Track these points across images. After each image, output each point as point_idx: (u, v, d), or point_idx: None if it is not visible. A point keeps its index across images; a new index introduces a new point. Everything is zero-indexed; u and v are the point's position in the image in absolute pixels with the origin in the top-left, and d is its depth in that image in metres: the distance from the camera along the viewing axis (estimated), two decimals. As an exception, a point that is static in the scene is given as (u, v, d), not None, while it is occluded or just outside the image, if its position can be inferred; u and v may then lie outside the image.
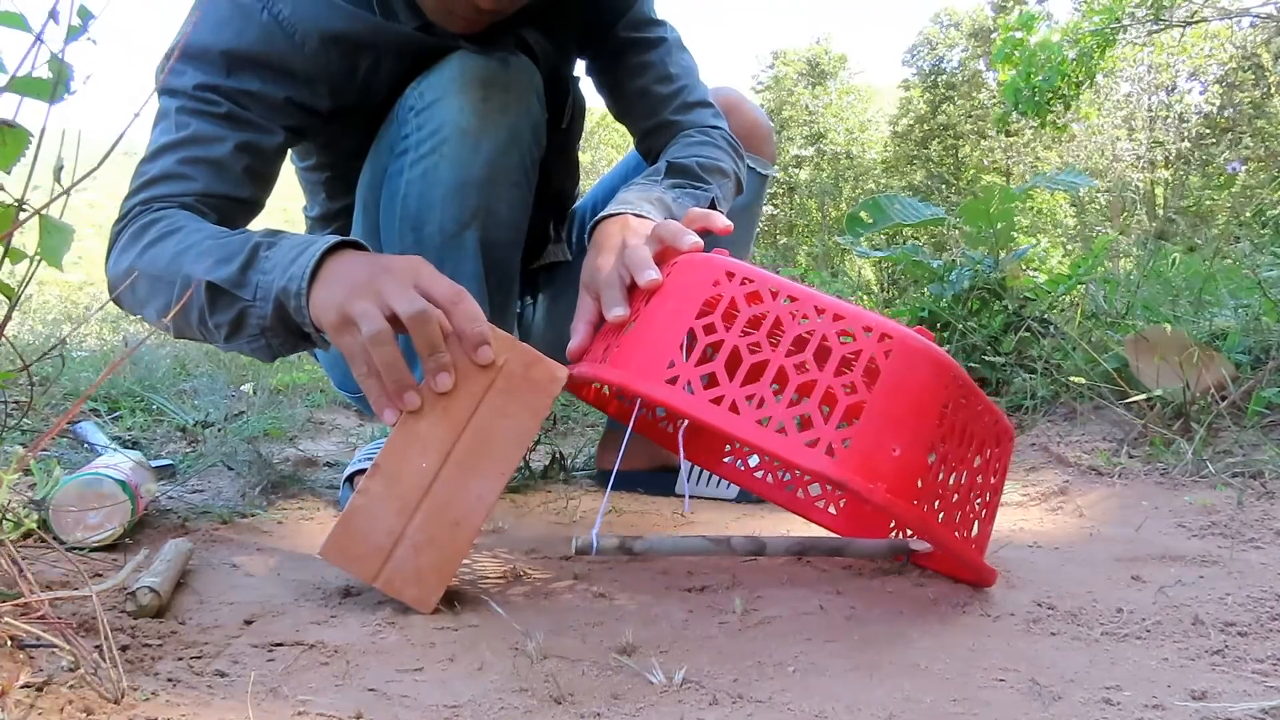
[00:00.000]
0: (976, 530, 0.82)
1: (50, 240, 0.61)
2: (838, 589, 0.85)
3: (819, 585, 0.87)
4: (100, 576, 0.85)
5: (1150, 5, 6.95)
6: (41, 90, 0.60)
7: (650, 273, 0.80)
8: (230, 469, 1.35)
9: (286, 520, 1.13)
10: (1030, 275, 2.06)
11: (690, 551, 0.87)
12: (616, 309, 0.82)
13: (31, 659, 0.61)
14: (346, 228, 1.16)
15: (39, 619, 0.58)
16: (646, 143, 1.22)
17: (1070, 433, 1.53)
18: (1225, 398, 1.39)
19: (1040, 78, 6.80)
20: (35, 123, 0.62)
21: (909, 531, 0.92)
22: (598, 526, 0.82)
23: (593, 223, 0.97)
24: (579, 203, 1.40)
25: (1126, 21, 6.90)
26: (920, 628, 0.75)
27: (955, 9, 23.84)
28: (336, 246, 0.81)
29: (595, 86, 1.23)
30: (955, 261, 1.97)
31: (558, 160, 1.21)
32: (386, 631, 0.73)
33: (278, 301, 0.81)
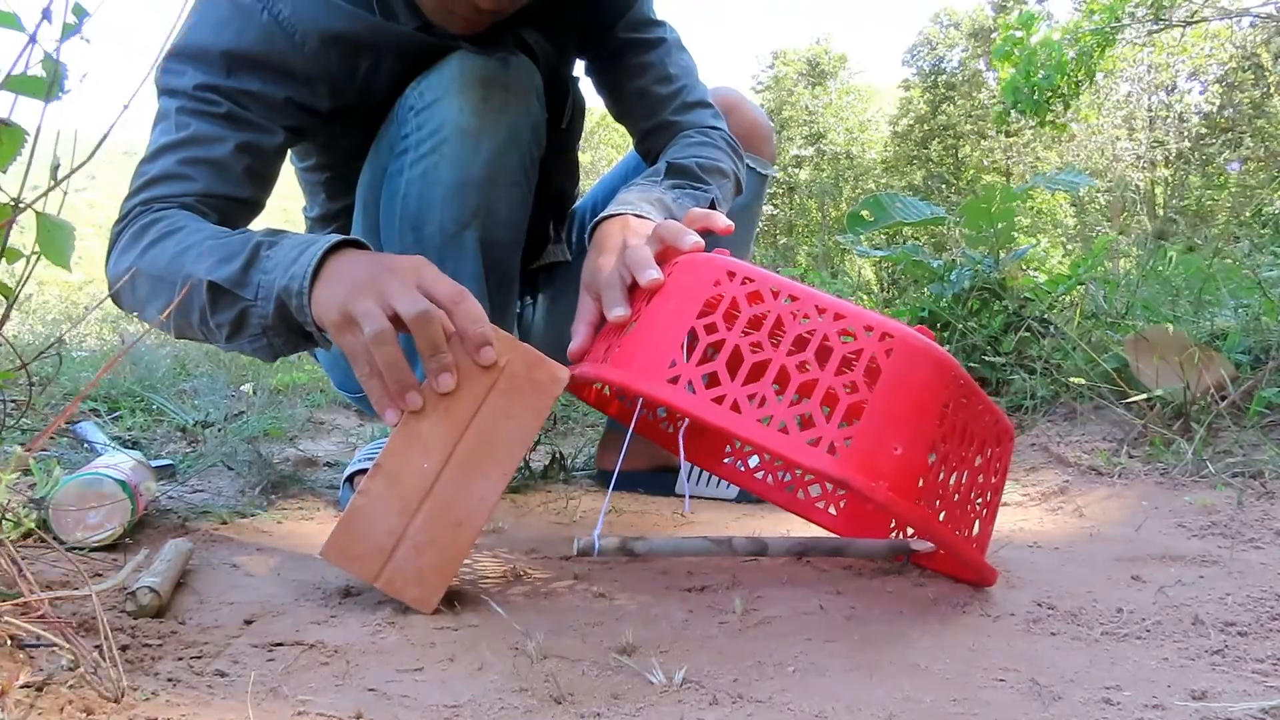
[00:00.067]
0: (977, 529, 0.82)
1: (52, 239, 0.61)
2: (838, 589, 0.85)
3: (819, 585, 0.87)
4: (100, 576, 0.85)
5: (1150, 5, 6.95)
6: (36, 89, 0.60)
7: (651, 272, 0.80)
8: (230, 469, 1.35)
9: (286, 520, 1.13)
10: (1030, 275, 2.06)
11: (692, 552, 0.87)
12: (617, 309, 0.82)
13: (31, 658, 0.61)
14: (346, 228, 1.16)
15: (39, 618, 0.58)
16: (646, 143, 1.22)
17: (1070, 433, 1.54)
18: (1225, 398, 1.39)
19: (1040, 76, 6.80)
20: (30, 122, 0.62)
21: (910, 531, 0.93)
22: (599, 527, 0.82)
23: (593, 223, 0.97)
24: (579, 203, 1.40)
25: (1126, 21, 6.89)
26: (920, 628, 0.75)
27: (955, 9, 23.87)
28: (338, 245, 0.81)
29: (595, 87, 1.23)
30: (955, 261, 1.97)
31: (558, 160, 1.21)
32: (386, 631, 0.73)
33: (279, 301, 0.81)
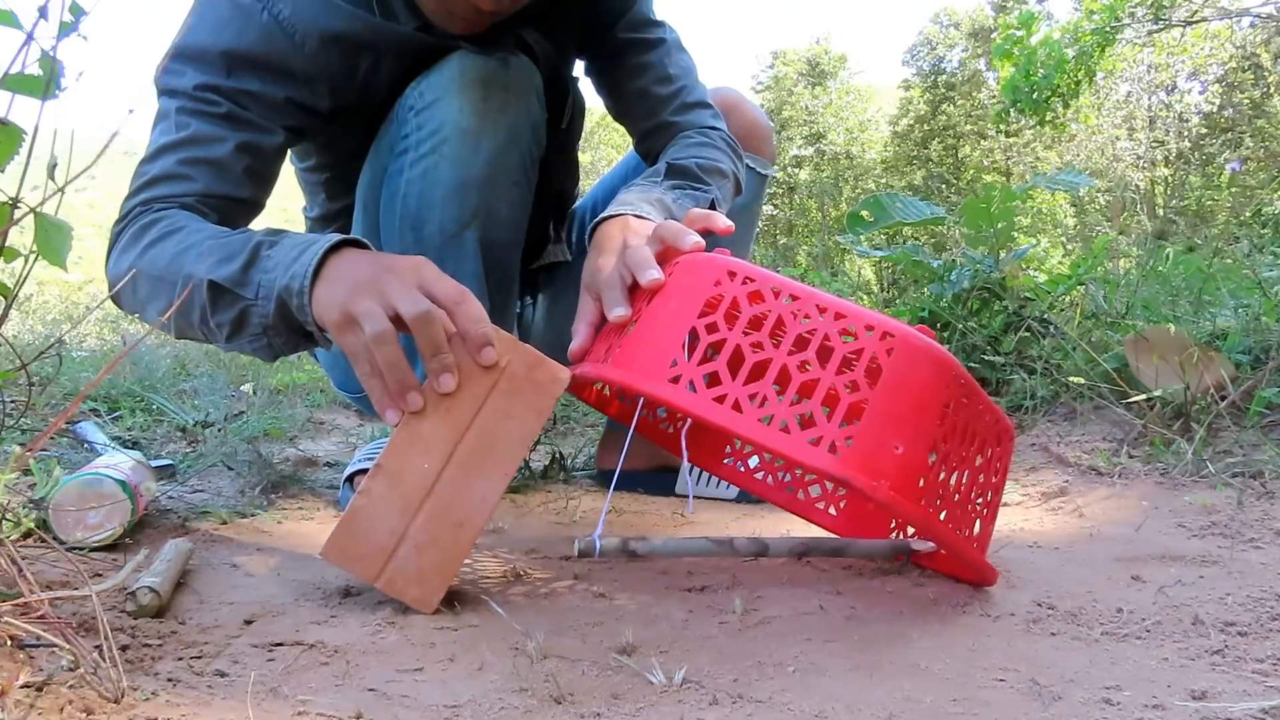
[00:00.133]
0: (978, 529, 0.82)
1: (49, 239, 0.61)
2: (838, 589, 0.85)
3: (819, 585, 0.87)
4: (100, 576, 0.85)
5: (1150, 5, 6.95)
6: (34, 88, 0.60)
7: (652, 272, 0.80)
8: (230, 469, 1.35)
9: (286, 520, 1.13)
10: (1030, 275, 2.06)
11: (693, 553, 0.87)
12: (618, 309, 0.82)
13: (31, 659, 0.61)
14: (346, 228, 1.16)
15: (39, 619, 0.58)
16: (646, 143, 1.22)
17: (1070, 433, 1.53)
18: (1225, 398, 1.39)
19: (1040, 75, 6.80)
20: (27, 120, 0.62)
21: (910, 531, 0.93)
22: (600, 528, 0.82)
23: (593, 224, 0.97)
24: (579, 203, 1.40)
25: (1126, 21, 6.89)
26: (920, 628, 0.75)
27: (955, 9, 23.82)
28: (339, 244, 0.81)
29: (594, 87, 1.23)
30: (955, 261, 1.97)
31: (557, 160, 1.21)
32: (386, 631, 0.73)
33: (280, 300, 0.81)
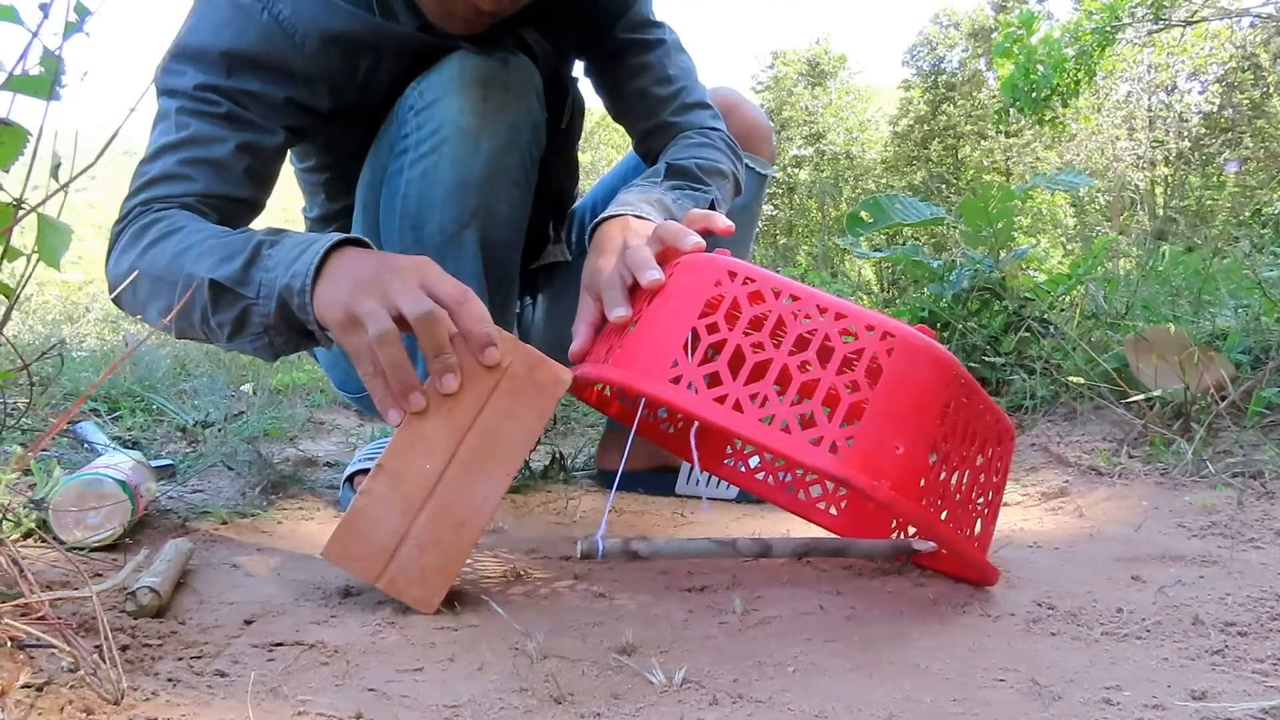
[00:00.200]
0: (979, 529, 0.82)
1: (48, 240, 0.61)
2: (838, 589, 0.85)
3: (819, 585, 0.87)
4: (100, 576, 0.85)
5: (1150, 5, 6.94)
6: (39, 88, 0.60)
7: (653, 273, 0.80)
8: (230, 469, 1.35)
9: (286, 520, 1.13)
10: (1030, 275, 2.06)
11: (696, 554, 0.87)
12: (618, 310, 0.82)
13: (31, 659, 0.61)
14: (346, 228, 1.16)
15: (39, 619, 0.58)
16: (645, 144, 1.22)
17: (1070, 433, 1.53)
18: (1225, 398, 1.39)
19: (1039, 74, 6.79)
20: (29, 120, 0.62)
21: (911, 531, 0.93)
22: (603, 529, 0.82)
23: (593, 224, 0.97)
24: (578, 203, 1.40)
25: (1126, 20, 6.89)
26: (920, 628, 0.75)
27: (955, 9, 23.85)
28: (340, 243, 0.81)
29: (594, 88, 1.23)
30: (955, 261, 1.97)
31: (557, 160, 1.21)
32: (386, 631, 0.73)
33: (281, 299, 0.81)
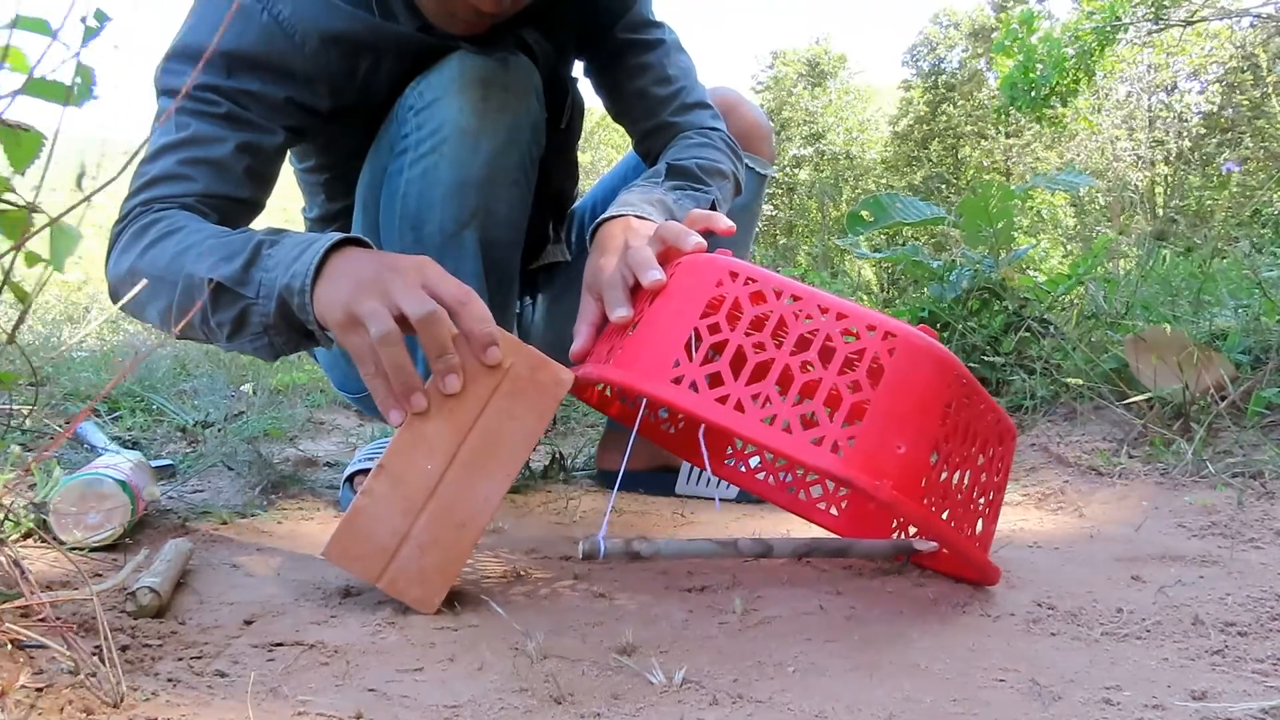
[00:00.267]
0: (980, 528, 0.82)
1: (56, 243, 0.61)
2: (838, 589, 0.85)
3: (819, 585, 0.87)
4: (100, 576, 0.85)
5: (1150, 5, 6.94)
6: (57, 93, 0.60)
7: (654, 273, 0.80)
8: (230, 469, 1.35)
9: (286, 520, 1.13)
10: (1030, 275, 2.06)
11: (697, 554, 0.87)
12: (620, 310, 0.82)
13: (32, 659, 0.61)
14: (346, 229, 1.16)
15: (39, 621, 0.58)
16: (645, 144, 1.22)
17: (1070, 433, 1.53)
18: (1225, 398, 1.39)
19: (1038, 73, 6.79)
20: (41, 123, 0.62)
21: (912, 531, 0.93)
22: (604, 530, 0.82)
23: (594, 225, 0.97)
24: (578, 203, 1.40)
25: (1126, 20, 6.88)
26: (920, 628, 0.75)
27: (955, 9, 23.85)
28: (341, 243, 0.81)
29: (594, 88, 1.23)
30: (955, 261, 1.97)
31: (557, 160, 1.21)
32: (386, 631, 0.73)
33: (281, 299, 0.81)
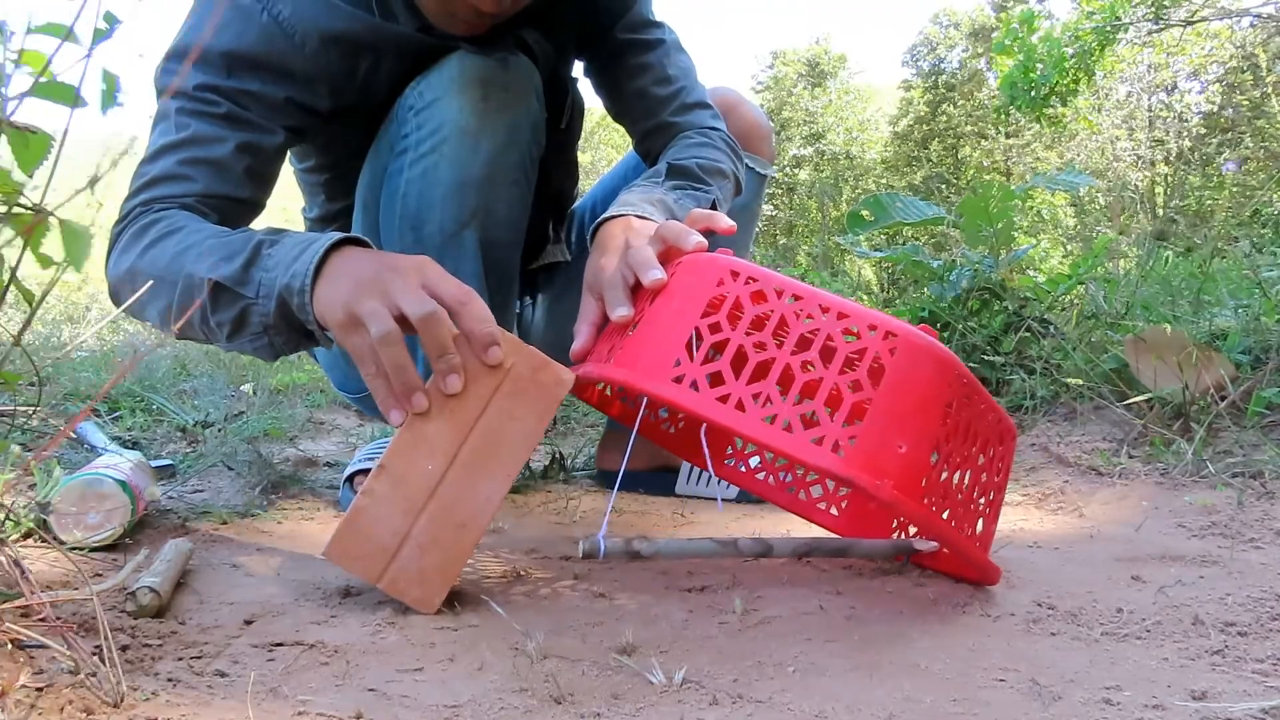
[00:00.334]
0: (981, 528, 0.82)
1: (70, 244, 0.61)
2: (838, 589, 0.85)
3: (819, 585, 0.87)
4: (100, 576, 0.85)
5: (1150, 4, 6.93)
6: (66, 96, 0.60)
7: (655, 272, 0.80)
8: (230, 469, 1.35)
9: (286, 520, 1.13)
10: (1030, 275, 2.06)
11: (697, 554, 0.87)
12: (620, 309, 0.82)
13: (32, 659, 0.61)
14: (346, 229, 1.16)
15: (39, 621, 0.58)
16: (645, 144, 1.22)
17: (1070, 433, 1.53)
18: (1225, 398, 1.39)
19: (1038, 73, 6.78)
20: (48, 124, 0.62)
21: (912, 531, 0.93)
22: (604, 529, 0.82)
23: (595, 224, 0.97)
24: (578, 203, 1.40)
25: (1126, 20, 6.88)
26: (920, 628, 0.75)
27: (955, 9, 23.84)
28: (340, 243, 0.81)
29: (594, 88, 1.23)
30: (955, 261, 1.97)
31: (557, 160, 1.21)
32: (386, 631, 0.73)
33: (281, 299, 0.81)
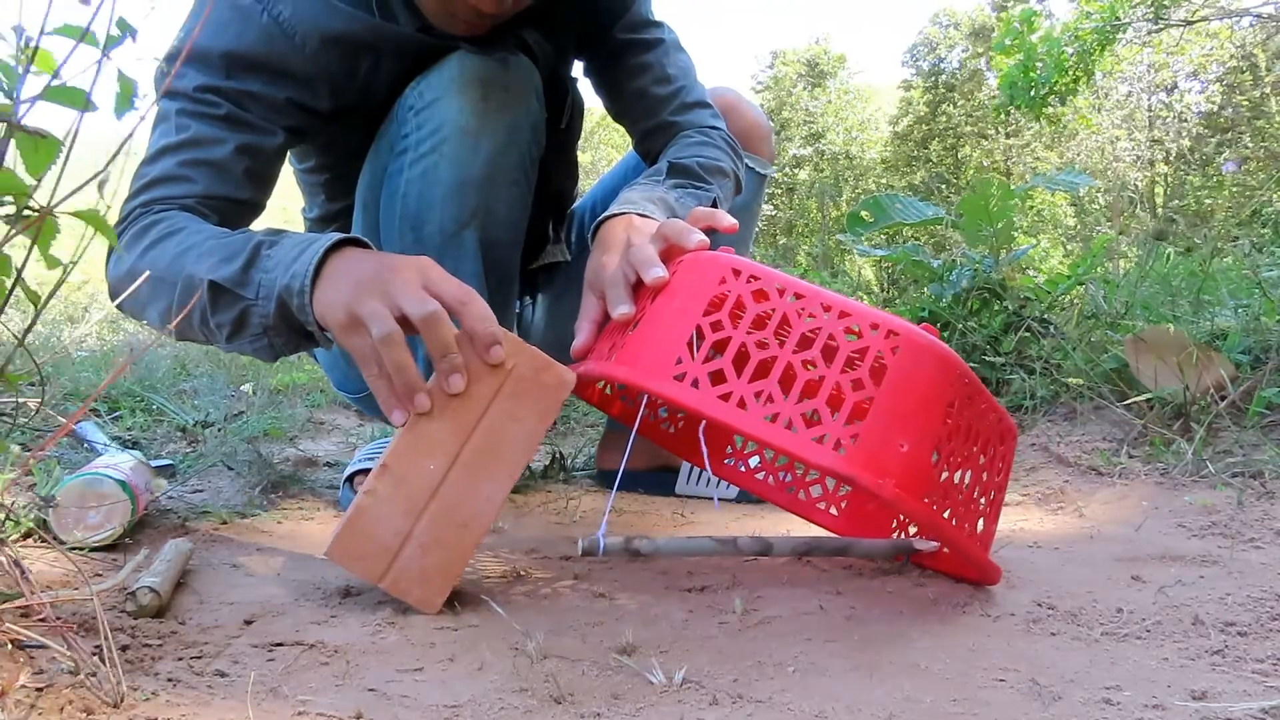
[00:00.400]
0: (981, 527, 0.82)
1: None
2: (838, 589, 0.85)
3: (819, 585, 0.87)
4: (100, 576, 0.85)
5: (1150, 4, 6.93)
6: (77, 100, 0.60)
7: (657, 270, 0.80)
8: (230, 469, 1.35)
9: (286, 520, 1.13)
10: (1030, 275, 2.06)
11: (697, 552, 0.87)
12: (622, 307, 0.82)
13: (32, 659, 0.61)
14: (346, 229, 1.16)
15: (39, 621, 0.58)
16: (645, 144, 1.22)
17: (1070, 433, 1.53)
18: (1225, 398, 1.39)
19: (1038, 72, 6.77)
20: (55, 127, 0.62)
21: (913, 530, 0.93)
22: (604, 527, 0.82)
23: (596, 223, 0.97)
24: (578, 203, 1.40)
25: (1126, 20, 6.87)
26: (920, 628, 0.75)
27: (955, 9, 23.84)
28: (340, 244, 0.81)
29: (594, 88, 1.23)
30: (955, 261, 1.97)
31: (556, 160, 1.21)
32: (386, 631, 0.73)
33: (280, 300, 0.81)
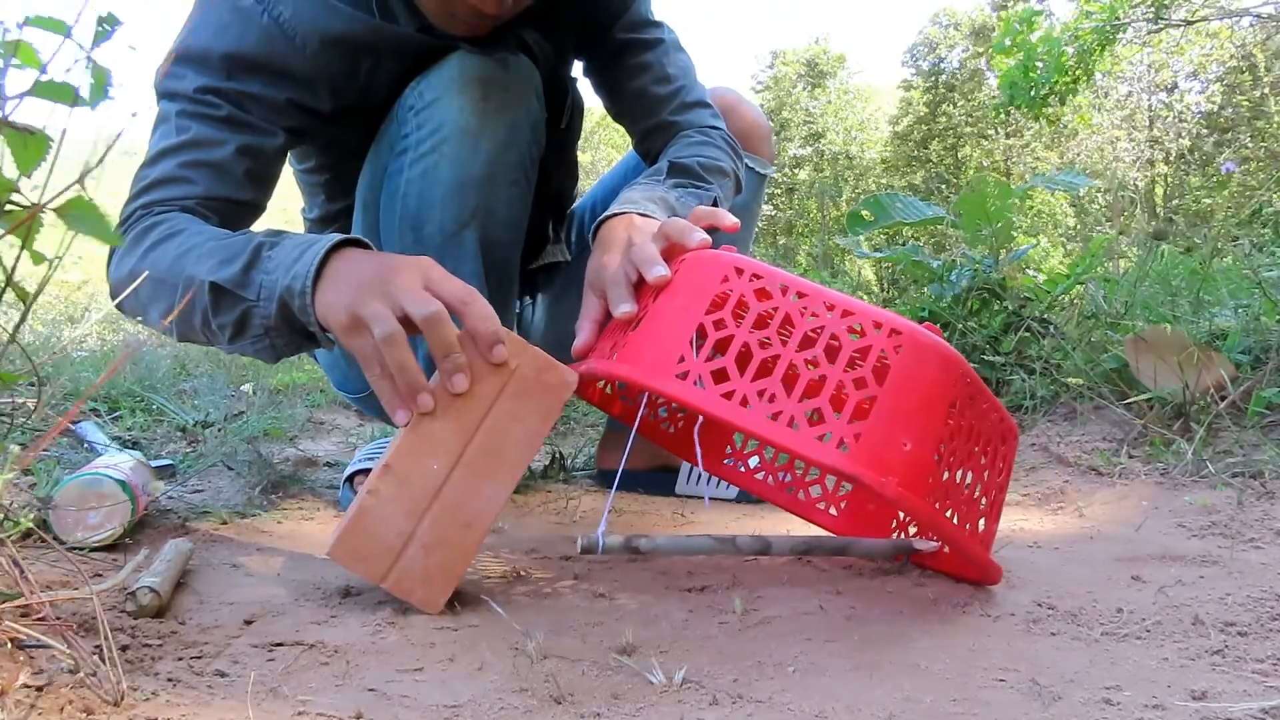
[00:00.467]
0: (983, 527, 0.82)
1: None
2: (838, 589, 0.85)
3: (819, 585, 0.87)
4: (100, 576, 0.85)
5: (1150, 4, 6.92)
6: (65, 95, 0.60)
7: (659, 269, 0.80)
8: (230, 469, 1.35)
9: (287, 520, 1.13)
10: (1029, 275, 2.06)
11: (696, 551, 0.87)
12: (624, 306, 0.82)
13: (32, 659, 0.61)
14: (346, 229, 1.16)
15: (39, 620, 0.58)
16: (645, 143, 1.22)
17: (1070, 433, 1.54)
18: (1225, 398, 1.39)
19: (1038, 72, 6.77)
20: (46, 123, 0.62)
21: (912, 530, 0.93)
22: (603, 526, 0.82)
23: (597, 222, 0.97)
24: (578, 203, 1.40)
25: (1126, 20, 6.87)
26: (920, 628, 0.75)
27: (955, 9, 23.83)
28: (340, 244, 0.81)
29: (593, 88, 1.23)
30: (955, 261, 1.97)
31: (556, 160, 1.21)
32: (386, 631, 0.73)
33: (281, 301, 0.81)
